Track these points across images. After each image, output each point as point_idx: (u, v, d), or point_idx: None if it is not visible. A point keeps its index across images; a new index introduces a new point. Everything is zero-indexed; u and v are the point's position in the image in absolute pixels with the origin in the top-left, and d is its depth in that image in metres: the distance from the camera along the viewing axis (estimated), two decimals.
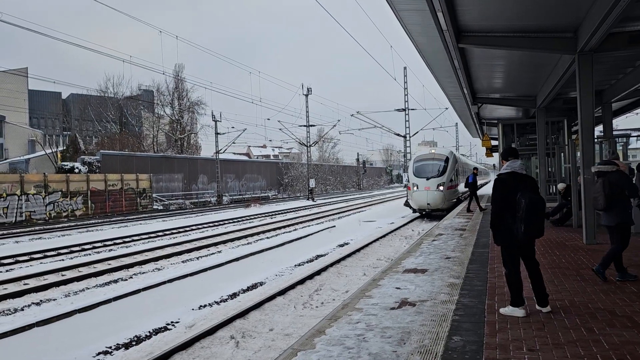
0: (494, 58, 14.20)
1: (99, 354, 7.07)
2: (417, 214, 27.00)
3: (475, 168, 26.61)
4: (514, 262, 5.98)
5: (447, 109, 38.80)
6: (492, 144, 31.55)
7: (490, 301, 6.52)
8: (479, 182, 30.56)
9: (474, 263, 9.29)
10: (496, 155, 33.68)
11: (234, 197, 54.34)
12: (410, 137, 43.50)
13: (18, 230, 26.24)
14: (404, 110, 43.83)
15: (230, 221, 28.10)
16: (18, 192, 30.63)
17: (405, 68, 45.99)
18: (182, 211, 39.96)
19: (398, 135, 45.39)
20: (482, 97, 20.20)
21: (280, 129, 50.38)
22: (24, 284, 11.67)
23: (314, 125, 54.90)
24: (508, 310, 5.94)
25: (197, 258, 15.12)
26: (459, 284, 7.60)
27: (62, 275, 12.62)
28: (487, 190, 47.30)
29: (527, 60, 14.40)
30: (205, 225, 25.64)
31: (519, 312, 5.88)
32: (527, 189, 5.82)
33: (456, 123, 74.66)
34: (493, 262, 9.24)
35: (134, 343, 7.51)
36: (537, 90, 18.55)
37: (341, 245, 16.94)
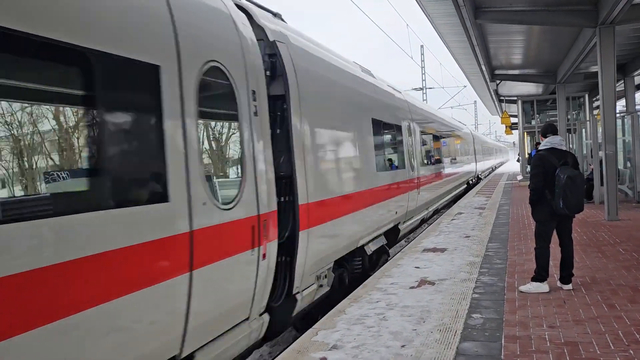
0: (512, 34, 13.97)
1: None
2: None
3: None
4: (548, 238, 5.99)
5: (465, 86, 38.30)
6: (512, 121, 31.16)
7: (510, 279, 6.52)
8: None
9: (494, 241, 9.25)
10: (515, 132, 33.28)
11: None
12: None
13: None
14: (422, 89, 43.40)
15: None
16: None
17: (422, 46, 45.41)
18: None
19: None
20: (501, 73, 19.92)
21: None
22: None
23: None
24: (531, 287, 5.92)
25: None
26: (478, 262, 7.59)
27: None
28: (506, 168, 46.81)
29: (546, 35, 14.14)
30: None
31: (543, 287, 5.88)
32: (567, 164, 5.79)
33: (475, 101, 73.74)
34: (513, 241, 9.20)
35: None
36: (557, 65, 18.22)
37: None
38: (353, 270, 7.56)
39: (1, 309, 2.39)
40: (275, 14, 6.03)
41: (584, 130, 19.39)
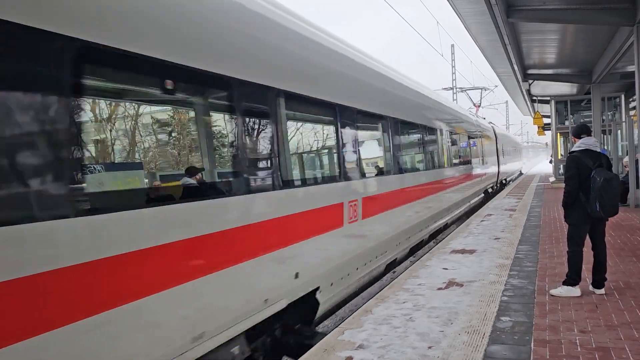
0: (546, 32, 13.71)
1: None
2: None
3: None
4: (582, 241, 5.88)
5: (496, 86, 37.71)
6: (544, 121, 30.57)
7: (541, 282, 6.40)
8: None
9: (524, 244, 9.11)
10: (548, 133, 32.68)
11: None
12: None
13: None
14: (452, 89, 42.93)
15: None
16: None
17: (452, 45, 44.91)
18: None
19: None
20: (534, 73, 19.56)
21: None
22: None
23: None
24: (563, 290, 5.82)
25: None
26: (508, 264, 7.49)
27: None
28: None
29: (581, 34, 13.83)
30: None
31: (575, 291, 5.77)
32: (602, 166, 5.68)
33: (506, 101, 72.57)
34: (544, 243, 9.04)
35: None
36: (593, 64, 17.81)
37: None
38: None
39: None
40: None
41: (619, 131, 18.90)
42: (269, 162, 4.85)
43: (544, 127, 31.96)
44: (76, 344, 2.79)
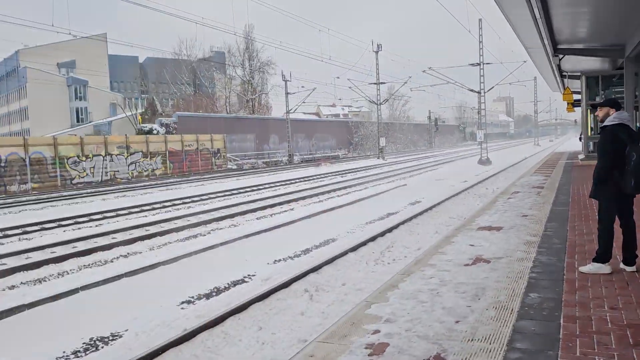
0: (578, 5, 13.28)
1: (182, 302, 7.51)
2: (493, 172, 26.18)
3: None
4: (613, 218, 5.74)
5: (525, 62, 36.86)
6: (574, 98, 29.86)
7: (570, 259, 6.32)
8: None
9: (553, 221, 8.97)
10: (578, 109, 31.94)
11: (305, 157, 54.95)
12: (484, 92, 41.86)
13: (104, 189, 27.95)
14: (479, 64, 42.14)
15: (302, 180, 28.53)
16: (103, 153, 32.45)
17: (480, 20, 43.96)
18: (255, 170, 40.94)
19: (472, 91, 43.82)
20: (564, 47, 19.04)
21: (349, 87, 49.93)
22: (113, 238, 12.48)
23: (384, 83, 54.02)
24: (592, 267, 5.72)
25: (271, 215, 15.55)
26: (536, 241, 7.40)
27: (146, 230, 13.38)
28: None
29: (616, 6, 13.37)
30: (277, 184, 26.19)
31: (605, 268, 5.67)
32: (636, 142, 5.51)
33: (535, 77, 70.96)
34: (573, 221, 8.89)
35: (214, 294, 7.91)
36: (626, 38, 17.23)
37: (412, 204, 16.84)
38: None
39: None
40: None
41: None
42: None
43: (574, 104, 31.22)
44: None
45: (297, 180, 27.98)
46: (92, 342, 6.21)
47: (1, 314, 7.15)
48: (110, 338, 6.33)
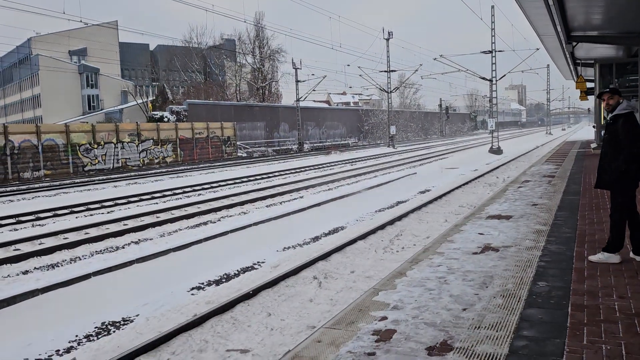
0: None
1: (192, 288, 7.59)
2: (504, 161, 26.06)
3: None
4: (628, 208, 5.61)
5: (537, 49, 36.43)
6: (587, 86, 29.50)
7: (579, 248, 6.30)
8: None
9: (563, 210, 8.93)
10: (591, 98, 31.58)
11: (315, 145, 54.92)
12: (496, 80, 41.48)
13: (116, 176, 28.18)
14: (491, 52, 41.72)
15: (311, 168, 28.55)
16: (114, 140, 32.67)
17: (492, 7, 43.45)
18: (265, 158, 41.02)
19: (483, 79, 43.46)
20: (578, 35, 18.77)
21: (360, 75, 49.69)
22: (124, 225, 12.60)
23: (394, 71, 53.65)
24: (603, 257, 5.70)
25: (280, 203, 15.60)
26: (545, 230, 7.37)
27: (157, 217, 13.49)
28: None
29: None
30: (287, 172, 26.24)
31: (615, 258, 5.64)
32: None
33: (547, 65, 70.14)
34: (584, 210, 8.84)
35: (223, 280, 7.98)
36: None
37: (422, 192, 16.81)
38: None
39: None
40: None
41: None
42: None
43: (587, 92, 30.87)
44: None
45: (307, 169, 28.01)
46: (104, 327, 6.31)
47: (15, 299, 7.27)
48: (122, 322, 6.42)
